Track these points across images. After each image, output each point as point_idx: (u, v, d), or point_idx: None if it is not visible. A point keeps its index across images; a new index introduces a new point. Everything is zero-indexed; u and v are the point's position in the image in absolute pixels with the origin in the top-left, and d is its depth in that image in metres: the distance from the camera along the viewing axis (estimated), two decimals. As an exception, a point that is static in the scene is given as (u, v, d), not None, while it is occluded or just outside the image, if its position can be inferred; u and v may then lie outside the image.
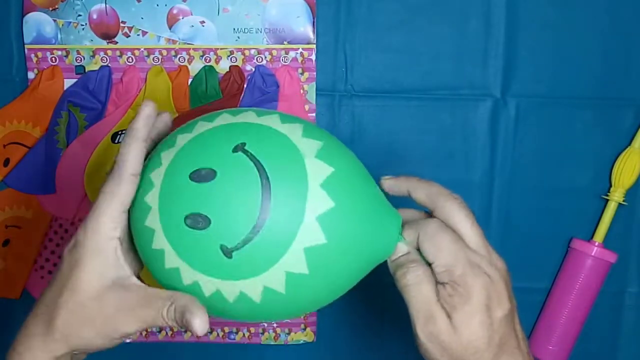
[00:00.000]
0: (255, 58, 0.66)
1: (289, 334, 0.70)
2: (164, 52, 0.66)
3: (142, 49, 0.66)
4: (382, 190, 0.44)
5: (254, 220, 0.37)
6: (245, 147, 0.37)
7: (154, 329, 0.70)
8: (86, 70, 0.66)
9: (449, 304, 0.40)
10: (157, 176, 0.39)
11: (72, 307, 0.40)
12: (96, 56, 0.66)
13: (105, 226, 0.39)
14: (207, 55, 0.66)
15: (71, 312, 0.40)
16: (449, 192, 0.42)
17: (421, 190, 0.43)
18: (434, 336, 0.40)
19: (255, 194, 0.37)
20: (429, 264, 0.41)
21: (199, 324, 0.38)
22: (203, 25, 0.65)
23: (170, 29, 0.66)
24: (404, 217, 0.44)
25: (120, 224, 0.40)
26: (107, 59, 0.66)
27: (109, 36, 0.66)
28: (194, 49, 0.66)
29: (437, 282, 0.41)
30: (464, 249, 0.40)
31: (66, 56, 0.66)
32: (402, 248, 0.42)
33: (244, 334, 0.70)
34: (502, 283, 0.41)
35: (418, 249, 0.42)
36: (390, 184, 0.44)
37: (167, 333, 0.70)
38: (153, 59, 0.66)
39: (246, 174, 0.37)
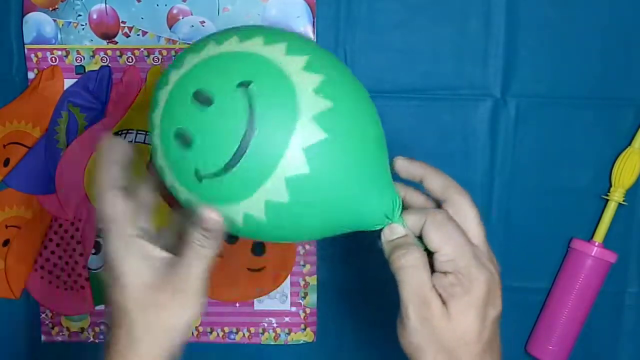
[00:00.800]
0: (255, 58, 0.66)
1: (289, 334, 0.70)
2: (164, 52, 0.66)
3: (142, 49, 0.66)
4: (391, 169, 0.44)
5: (230, 155, 0.38)
6: (249, 86, 0.38)
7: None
8: (86, 70, 0.66)
9: (448, 292, 0.40)
10: (163, 95, 0.41)
11: (137, 308, 0.41)
12: (96, 56, 0.66)
13: (123, 232, 0.41)
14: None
15: (137, 313, 0.41)
16: (462, 187, 0.43)
17: (436, 180, 0.43)
18: (428, 321, 0.39)
19: (240, 131, 0.37)
20: (428, 253, 0.41)
21: (209, 213, 0.40)
22: (203, 25, 0.66)
23: (170, 29, 0.66)
24: (409, 199, 0.44)
25: (137, 223, 0.42)
26: (107, 59, 0.66)
27: (109, 36, 0.66)
28: (194, 49, 0.66)
29: (436, 271, 0.41)
30: (469, 243, 0.41)
31: (66, 56, 0.66)
32: (400, 230, 0.42)
33: (244, 334, 0.70)
34: (499, 282, 0.41)
35: (416, 236, 0.42)
36: (404, 165, 0.44)
37: (167, 333, 0.70)
38: (153, 59, 0.66)
39: (239, 110, 0.37)
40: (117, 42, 0.66)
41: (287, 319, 0.70)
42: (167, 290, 0.41)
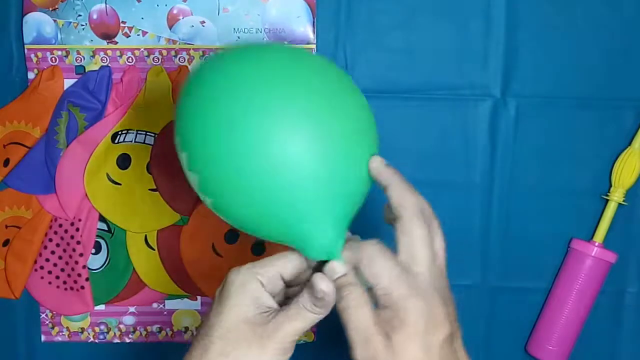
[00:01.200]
0: (255, 58, 0.66)
1: (289, 334, 0.70)
2: (164, 52, 0.66)
3: (142, 49, 0.66)
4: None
5: None
6: None
7: (154, 329, 0.70)
8: (86, 70, 0.66)
9: (389, 326, 0.39)
10: None
11: (222, 332, 0.42)
12: (96, 56, 0.66)
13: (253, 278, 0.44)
14: (207, 55, 0.66)
15: (221, 337, 0.42)
16: (416, 207, 0.41)
17: (395, 194, 0.42)
18: (374, 359, 0.39)
19: None
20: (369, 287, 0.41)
21: (321, 284, 0.41)
22: (203, 25, 0.65)
23: (170, 29, 0.66)
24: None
25: (266, 273, 0.44)
26: (107, 59, 0.66)
27: (109, 36, 0.66)
28: (194, 49, 0.66)
29: (378, 305, 0.40)
30: (403, 274, 0.40)
31: (66, 56, 0.66)
32: (339, 269, 0.42)
33: (244, 334, 0.70)
34: (442, 307, 0.40)
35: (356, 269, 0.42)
36: (377, 168, 0.43)
37: (167, 333, 0.70)
38: (153, 59, 0.66)
39: None
40: (117, 42, 0.66)
41: (287, 319, 0.69)
42: (256, 331, 0.42)
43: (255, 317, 0.42)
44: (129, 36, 0.66)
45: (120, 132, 0.66)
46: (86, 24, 0.65)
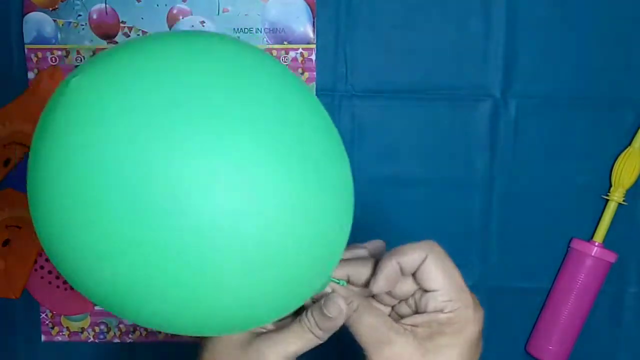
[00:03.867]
0: (255, 58, 0.66)
1: (289, 334, 0.70)
2: (164, 52, 0.66)
3: (142, 49, 0.66)
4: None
5: None
6: None
7: (154, 329, 0.70)
8: (86, 70, 0.66)
9: (434, 329, 0.38)
10: None
11: (211, 357, 0.40)
12: (96, 56, 0.66)
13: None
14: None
15: None
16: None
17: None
18: None
19: None
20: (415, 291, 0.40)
21: (340, 301, 0.37)
22: (203, 25, 0.65)
23: (170, 29, 0.66)
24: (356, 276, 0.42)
25: None
26: (107, 59, 0.66)
27: (109, 36, 0.66)
28: (194, 49, 0.66)
29: (425, 311, 0.39)
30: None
31: (66, 56, 0.66)
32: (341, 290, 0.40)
33: (244, 334, 0.70)
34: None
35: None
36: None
37: (167, 333, 0.70)
38: (153, 59, 0.66)
39: None
40: (117, 42, 0.66)
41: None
42: (250, 356, 0.38)
43: (246, 340, 0.39)
44: (129, 36, 0.66)
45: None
46: (86, 24, 0.65)
